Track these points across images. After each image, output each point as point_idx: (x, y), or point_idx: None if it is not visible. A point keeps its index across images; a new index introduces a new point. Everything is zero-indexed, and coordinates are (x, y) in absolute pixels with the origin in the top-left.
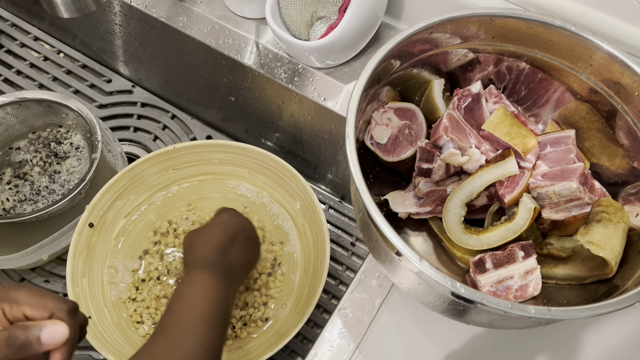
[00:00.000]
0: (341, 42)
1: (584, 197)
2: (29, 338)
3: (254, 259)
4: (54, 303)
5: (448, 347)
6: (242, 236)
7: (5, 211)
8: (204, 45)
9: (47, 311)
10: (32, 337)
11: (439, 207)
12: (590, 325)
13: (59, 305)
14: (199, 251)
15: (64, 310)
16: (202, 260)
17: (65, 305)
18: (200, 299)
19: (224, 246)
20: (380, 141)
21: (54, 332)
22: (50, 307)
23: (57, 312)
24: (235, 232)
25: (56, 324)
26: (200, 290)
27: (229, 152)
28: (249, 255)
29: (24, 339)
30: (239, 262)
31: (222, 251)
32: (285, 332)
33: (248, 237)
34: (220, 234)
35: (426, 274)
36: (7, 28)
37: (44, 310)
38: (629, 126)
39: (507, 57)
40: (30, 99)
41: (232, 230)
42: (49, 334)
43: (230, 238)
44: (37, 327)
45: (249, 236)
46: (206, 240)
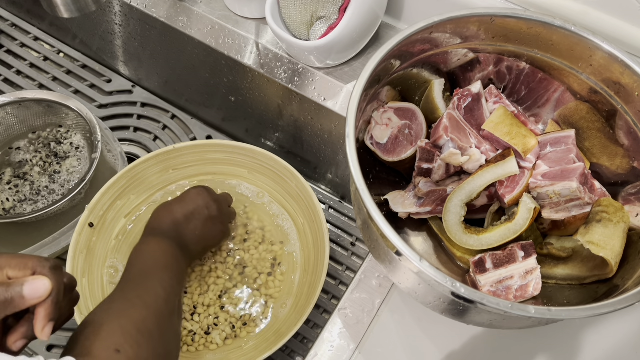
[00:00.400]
0: (341, 42)
1: (584, 197)
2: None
3: (213, 238)
4: (34, 262)
5: (448, 347)
6: (203, 214)
7: (5, 211)
8: (204, 45)
9: (29, 270)
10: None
11: (439, 207)
12: (590, 325)
13: (40, 262)
14: (156, 222)
15: (45, 266)
16: (157, 229)
17: (47, 263)
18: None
19: (179, 221)
20: (380, 141)
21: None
22: (31, 265)
23: (39, 269)
24: (195, 210)
25: (38, 279)
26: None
27: (229, 152)
28: (207, 233)
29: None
30: (192, 238)
31: (177, 224)
32: (285, 332)
33: (209, 215)
34: (179, 210)
35: (426, 274)
36: (7, 28)
37: (26, 269)
38: (629, 126)
39: (507, 57)
40: (30, 99)
41: (192, 208)
42: (31, 287)
43: (187, 214)
44: (19, 284)
45: (210, 215)
46: (165, 214)
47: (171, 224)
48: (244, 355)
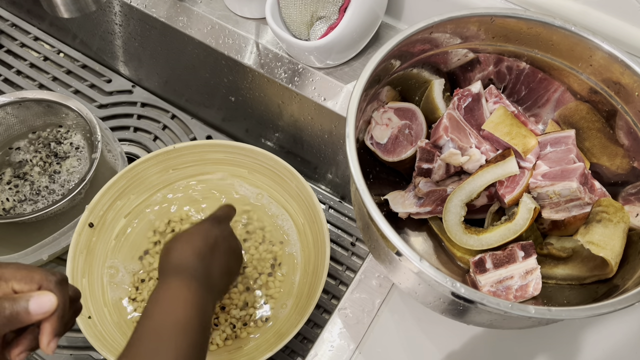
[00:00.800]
0: (341, 42)
1: (584, 197)
2: (17, 309)
3: (234, 271)
4: (41, 275)
5: (448, 347)
6: (224, 246)
7: (5, 211)
8: (204, 45)
9: (35, 284)
10: (20, 308)
11: (439, 207)
12: (590, 325)
13: (46, 276)
14: (176, 257)
15: (51, 281)
16: (180, 267)
17: (53, 277)
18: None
19: (204, 253)
20: (380, 141)
21: (42, 301)
22: (37, 279)
23: (45, 284)
24: (216, 241)
25: (44, 294)
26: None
27: (229, 152)
28: (230, 266)
29: (12, 310)
30: (219, 272)
31: (202, 258)
32: (285, 332)
33: (229, 247)
34: (201, 241)
35: (426, 274)
36: (7, 28)
37: (32, 283)
38: (629, 126)
39: (507, 57)
40: (30, 99)
41: (213, 239)
42: (36, 303)
43: (211, 246)
44: (25, 298)
45: (230, 246)
46: (185, 246)
47: (196, 259)
48: (245, 356)
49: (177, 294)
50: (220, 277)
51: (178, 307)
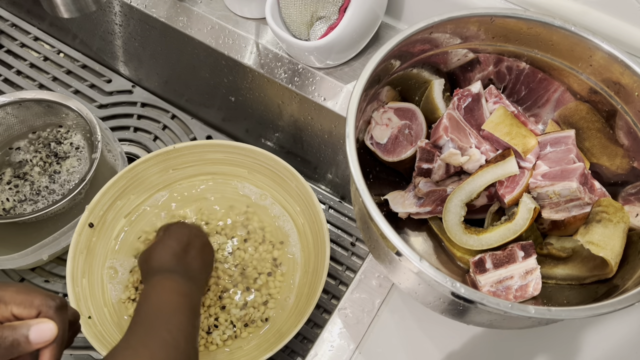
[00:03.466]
0: (341, 42)
1: (584, 197)
2: (17, 338)
3: (209, 264)
4: (41, 300)
5: (448, 347)
6: (196, 242)
7: (5, 211)
8: (204, 45)
9: (35, 309)
10: (20, 336)
11: (439, 207)
12: (590, 325)
13: (46, 302)
14: (155, 261)
15: (51, 307)
16: (161, 268)
17: (53, 302)
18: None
19: (178, 253)
20: (380, 141)
21: (42, 330)
22: (37, 304)
23: (44, 310)
24: (188, 240)
25: (44, 323)
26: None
27: (229, 152)
28: (205, 259)
29: (12, 339)
30: (196, 266)
31: (178, 257)
32: (285, 332)
33: (202, 243)
34: (174, 243)
35: (426, 274)
36: (7, 28)
37: (32, 308)
38: (629, 126)
39: (507, 57)
40: (30, 99)
41: (185, 238)
42: (37, 332)
43: (184, 245)
44: (25, 327)
45: (202, 242)
46: (160, 251)
47: (173, 259)
48: (245, 356)
49: (162, 286)
50: (199, 271)
51: (164, 294)
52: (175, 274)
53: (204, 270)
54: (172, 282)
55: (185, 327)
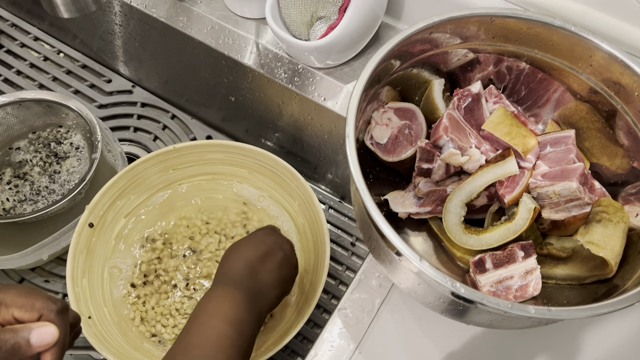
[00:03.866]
0: (341, 42)
1: (584, 197)
2: (18, 341)
3: (288, 281)
4: (42, 303)
5: (448, 347)
6: (277, 255)
7: (5, 211)
8: (204, 45)
9: (36, 312)
10: (22, 340)
11: (439, 207)
12: (590, 325)
13: (47, 305)
14: (227, 266)
15: (53, 310)
16: (228, 276)
17: (54, 306)
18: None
19: (253, 263)
20: (380, 141)
21: (43, 334)
22: (38, 307)
23: (46, 313)
24: (269, 250)
25: (45, 326)
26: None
27: (229, 152)
28: (283, 275)
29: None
30: (269, 282)
31: (251, 268)
32: (285, 332)
33: (283, 256)
34: (252, 250)
35: (426, 274)
36: (7, 28)
37: (33, 311)
38: (629, 126)
39: (507, 57)
40: (30, 99)
41: (266, 248)
42: (38, 336)
43: (262, 255)
44: (26, 330)
45: (285, 256)
46: (236, 255)
47: (244, 267)
48: None
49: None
50: (271, 287)
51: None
52: (237, 292)
53: (278, 286)
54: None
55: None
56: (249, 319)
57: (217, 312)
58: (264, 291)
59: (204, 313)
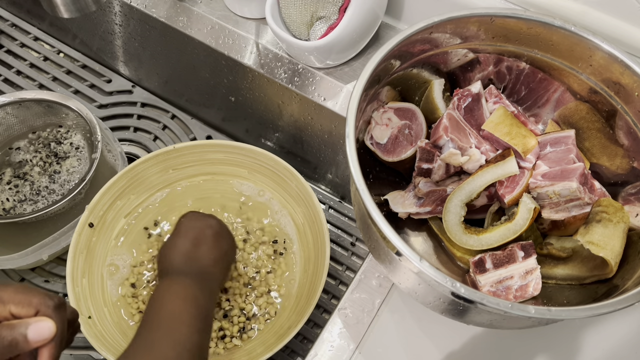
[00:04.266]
0: (341, 42)
1: (584, 197)
2: (16, 337)
3: (227, 253)
4: (39, 299)
5: (448, 347)
6: (208, 234)
7: (5, 211)
8: (204, 45)
9: (33, 308)
10: (19, 335)
11: (439, 207)
12: (590, 325)
13: (44, 301)
14: (165, 263)
15: (50, 306)
16: (169, 270)
17: (51, 301)
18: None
19: (188, 252)
20: (380, 141)
21: (41, 329)
22: (35, 303)
23: (43, 309)
24: (199, 234)
25: (42, 321)
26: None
27: (229, 152)
28: (221, 251)
29: (11, 338)
30: (210, 262)
31: (188, 257)
32: (285, 332)
33: (214, 233)
34: (183, 241)
35: (426, 274)
36: (7, 28)
37: (30, 307)
38: (629, 126)
39: (507, 57)
40: (30, 99)
41: (195, 233)
42: (35, 331)
43: (194, 241)
44: (23, 325)
45: (215, 232)
46: (171, 251)
47: (180, 258)
48: (245, 356)
49: (168, 290)
50: (213, 265)
51: (170, 300)
52: (183, 276)
53: (221, 260)
54: (178, 286)
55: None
56: (202, 295)
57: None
58: (208, 271)
59: (157, 300)
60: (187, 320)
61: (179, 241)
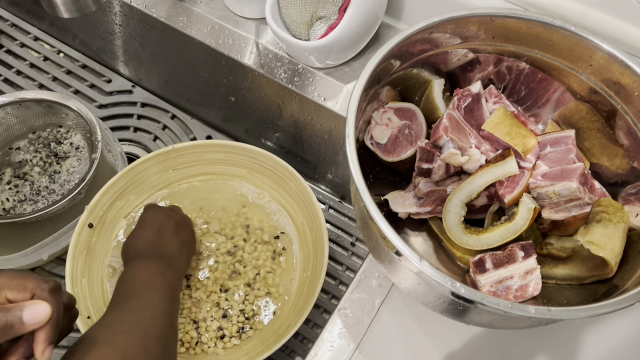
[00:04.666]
0: (341, 42)
1: (584, 197)
2: (11, 319)
3: (189, 242)
4: (34, 283)
5: (448, 347)
6: (170, 224)
7: (5, 211)
8: (204, 45)
9: (28, 292)
10: (14, 318)
11: (439, 207)
12: (590, 325)
13: (39, 285)
14: (130, 250)
15: (45, 289)
16: (134, 256)
17: (46, 285)
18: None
19: (152, 239)
20: (380, 141)
21: (36, 311)
22: (30, 287)
23: (38, 292)
24: (161, 224)
25: (37, 303)
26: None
27: (229, 152)
28: (183, 239)
29: (6, 320)
30: (173, 249)
31: (151, 243)
32: (284, 332)
33: (176, 224)
34: (147, 230)
35: (426, 274)
36: (7, 28)
37: (25, 291)
38: (629, 126)
39: (507, 57)
40: (30, 99)
41: (157, 223)
42: (30, 313)
43: (157, 230)
44: (18, 308)
45: (177, 223)
46: (134, 240)
47: (146, 245)
48: (244, 355)
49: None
50: (177, 252)
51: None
52: (150, 258)
53: (183, 249)
54: (146, 265)
55: (161, 305)
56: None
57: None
58: (172, 256)
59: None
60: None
61: (142, 231)
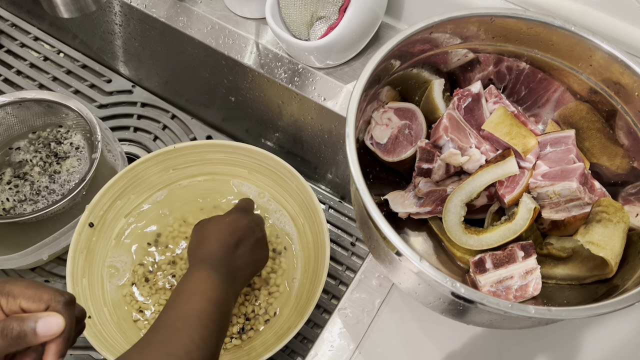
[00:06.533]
0: (341, 42)
1: (584, 197)
2: (24, 329)
3: (260, 261)
4: (50, 295)
5: (448, 347)
6: (251, 238)
7: (5, 211)
8: (204, 45)
9: (43, 303)
10: (28, 328)
11: (439, 207)
12: (590, 325)
13: (55, 297)
14: (205, 248)
15: (60, 302)
16: (206, 258)
17: (62, 297)
18: (198, 297)
19: (230, 247)
20: (380, 141)
21: (50, 323)
22: (46, 299)
23: (53, 304)
24: (244, 234)
25: (52, 316)
26: (200, 288)
27: (229, 152)
28: (255, 257)
29: (19, 330)
30: (243, 264)
31: (228, 251)
32: (285, 332)
33: (256, 239)
34: (229, 234)
35: (426, 274)
36: (7, 28)
37: (40, 302)
38: (629, 126)
39: (507, 57)
40: (30, 99)
41: (241, 232)
42: (44, 325)
43: (238, 237)
44: (33, 319)
45: (257, 238)
46: (214, 237)
47: (221, 251)
48: (245, 356)
49: (199, 286)
50: (244, 267)
51: (196, 299)
52: (216, 273)
53: (249, 266)
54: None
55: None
56: (226, 297)
57: (197, 291)
58: (238, 273)
59: (184, 293)
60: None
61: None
